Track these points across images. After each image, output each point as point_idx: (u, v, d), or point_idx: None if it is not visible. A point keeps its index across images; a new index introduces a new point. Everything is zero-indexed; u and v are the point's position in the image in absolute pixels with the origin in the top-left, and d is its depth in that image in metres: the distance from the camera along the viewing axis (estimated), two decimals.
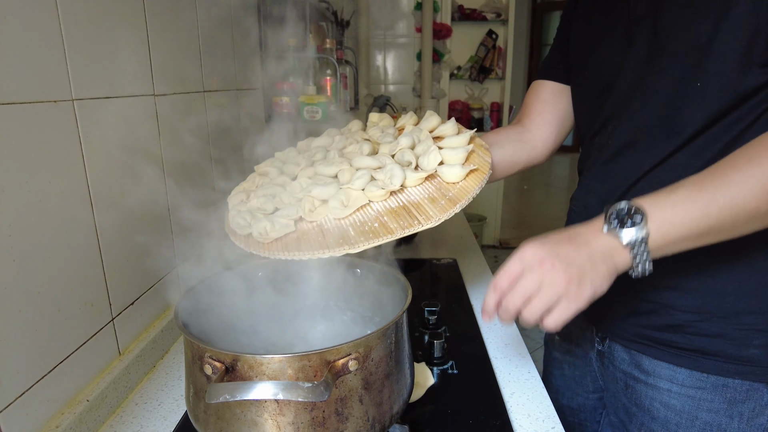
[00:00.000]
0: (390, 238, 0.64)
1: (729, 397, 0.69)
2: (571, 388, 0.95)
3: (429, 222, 0.65)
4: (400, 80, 3.79)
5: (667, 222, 0.55)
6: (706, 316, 0.68)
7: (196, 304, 0.68)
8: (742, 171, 0.54)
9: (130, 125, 0.81)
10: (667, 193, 0.56)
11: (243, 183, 0.86)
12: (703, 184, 0.55)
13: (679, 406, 0.72)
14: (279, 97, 1.56)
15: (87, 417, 0.67)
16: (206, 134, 1.11)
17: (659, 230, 0.55)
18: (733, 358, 0.68)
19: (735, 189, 0.53)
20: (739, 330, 0.67)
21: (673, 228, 0.55)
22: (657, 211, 0.55)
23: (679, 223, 0.54)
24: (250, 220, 0.74)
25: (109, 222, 0.75)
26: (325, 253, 0.64)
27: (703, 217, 0.54)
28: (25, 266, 0.59)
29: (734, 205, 0.53)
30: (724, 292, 0.67)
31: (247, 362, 0.53)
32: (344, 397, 0.55)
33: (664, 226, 0.55)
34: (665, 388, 0.73)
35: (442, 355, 0.85)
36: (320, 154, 0.85)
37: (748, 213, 0.53)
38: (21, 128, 0.58)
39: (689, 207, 0.54)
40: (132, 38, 0.82)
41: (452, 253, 1.37)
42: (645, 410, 0.76)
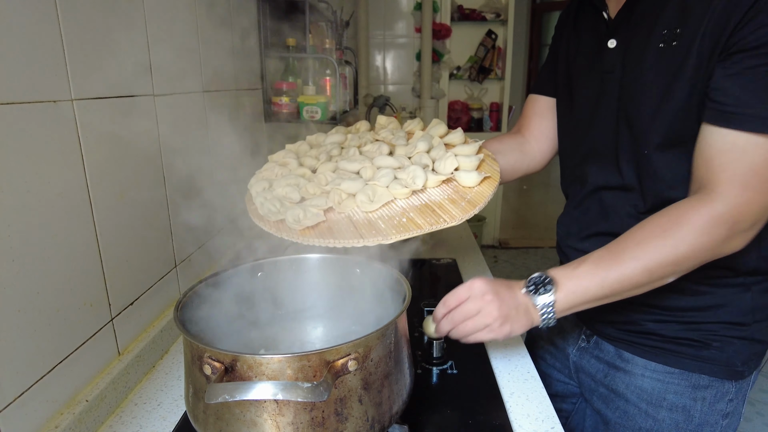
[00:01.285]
0: (419, 232, 0.69)
1: (693, 382, 0.80)
2: (551, 375, 1.03)
3: (453, 221, 0.70)
4: (400, 80, 3.79)
5: (571, 292, 0.69)
6: (672, 326, 0.80)
7: (196, 304, 0.68)
8: (629, 252, 0.68)
9: (129, 125, 0.81)
10: (574, 266, 0.71)
11: (262, 171, 0.90)
12: (600, 262, 0.70)
13: (649, 388, 0.83)
14: (278, 97, 1.56)
15: (86, 417, 0.67)
16: (206, 135, 1.11)
17: (564, 298, 0.70)
18: (695, 357, 0.79)
19: (623, 267, 0.67)
20: (700, 333, 0.79)
21: (575, 296, 0.69)
22: (564, 281, 0.70)
23: (580, 293, 0.69)
24: (279, 207, 0.76)
25: (109, 222, 0.75)
26: (360, 242, 0.68)
27: (599, 288, 0.69)
28: (24, 266, 0.59)
29: (623, 280, 0.68)
30: (687, 308, 0.78)
31: (247, 362, 0.53)
32: (343, 397, 0.55)
33: (569, 296, 0.70)
34: (639, 374, 0.84)
35: (441, 355, 0.85)
36: (336, 150, 0.89)
37: (633, 285, 0.68)
38: (20, 128, 0.58)
39: (588, 281, 0.69)
40: (131, 38, 0.82)
41: (452, 253, 1.37)
42: (620, 395, 0.86)
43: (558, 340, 1.00)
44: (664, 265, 0.66)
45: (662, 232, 0.67)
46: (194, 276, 1.04)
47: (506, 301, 0.70)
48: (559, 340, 1.00)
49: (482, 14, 3.78)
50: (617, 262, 0.68)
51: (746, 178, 0.63)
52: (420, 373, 0.82)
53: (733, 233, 0.65)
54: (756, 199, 0.64)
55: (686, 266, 0.68)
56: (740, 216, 0.64)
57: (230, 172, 0.84)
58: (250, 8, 1.43)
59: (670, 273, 0.68)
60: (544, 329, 0.75)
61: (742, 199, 0.63)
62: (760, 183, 0.63)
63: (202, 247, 1.08)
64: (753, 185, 0.63)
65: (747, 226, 0.65)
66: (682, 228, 0.66)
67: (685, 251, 0.66)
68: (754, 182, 0.63)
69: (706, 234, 0.65)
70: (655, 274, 0.67)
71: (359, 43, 3.41)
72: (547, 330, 0.98)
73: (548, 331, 1.02)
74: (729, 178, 0.64)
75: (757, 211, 0.64)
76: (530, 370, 0.84)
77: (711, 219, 0.64)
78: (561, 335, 1.00)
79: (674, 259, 0.66)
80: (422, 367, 0.83)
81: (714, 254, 0.67)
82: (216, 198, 1.14)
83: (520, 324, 0.71)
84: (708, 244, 0.65)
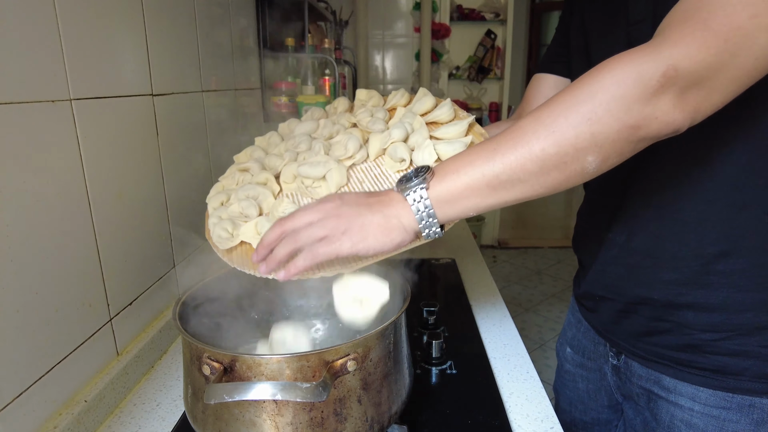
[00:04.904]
0: (375, 259, 0.58)
1: (756, 418, 0.65)
2: (584, 402, 0.92)
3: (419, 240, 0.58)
4: (399, 80, 3.79)
5: (451, 171, 0.53)
6: (726, 334, 0.64)
7: (195, 304, 0.68)
8: (530, 117, 0.52)
9: (128, 125, 0.81)
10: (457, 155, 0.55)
11: (223, 179, 0.79)
12: (497, 138, 0.53)
13: (702, 425, 0.68)
14: (278, 97, 1.56)
15: (85, 417, 0.67)
16: (205, 134, 1.11)
17: (440, 182, 0.53)
18: (758, 376, 0.64)
19: (521, 131, 0.51)
20: (761, 347, 0.63)
21: (456, 177, 0.53)
22: (442, 164, 0.55)
23: (463, 170, 0.53)
24: (232, 231, 0.67)
25: (107, 222, 0.75)
26: (316, 274, 0.59)
27: (487, 161, 0.51)
28: (23, 266, 0.59)
29: (517, 143, 0.51)
30: (743, 307, 0.63)
31: (246, 363, 0.53)
32: (343, 397, 0.55)
33: (447, 177, 0.53)
34: (687, 407, 0.68)
35: (440, 355, 0.85)
36: (305, 144, 0.77)
37: (534, 157, 0.50)
38: (19, 128, 0.58)
39: (475, 155, 0.53)
40: (130, 38, 0.81)
41: (451, 253, 1.37)
42: (665, 426, 0.72)
43: (589, 362, 0.89)
44: (571, 126, 0.49)
45: (573, 89, 0.50)
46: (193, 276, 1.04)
47: (352, 201, 0.55)
48: (590, 361, 0.88)
49: (481, 14, 3.78)
50: (515, 130, 0.52)
51: (706, 23, 0.46)
52: (419, 373, 0.82)
53: (665, 87, 0.47)
54: (711, 43, 0.46)
55: (602, 132, 0.48)
56: (681, 63, 0.46)
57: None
58: (249, 8, 1.43)
59: (582, 143, 0.49)
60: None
61: (693, 36, 0.46)
62: (724, 27, 0.46)
63: (202, 247, 1.08)
64: (715, 25, 0.46)
65: (685, 84, 0.47)
66: (598, 75, 0.49)
67: (595, 105, 0.48)
68: (718, 22, 0.46)
69: (628, 78, 0.47)
70: (560, 137, 0.49)
71: (358, 42, 3.41)
72: (572, 351, 0.91)
73: (573, 351, 0.92)
74: (682, 20, 0.48)
75: (705, 67, 0.46)
76: (529, 370, 0.84)
77: (639, 57, 0.48)
78: (588, 356, 0.89)
79: (579, 117, 0.48)
80: (421, 367, 0.83)
81: (635, 115, 0.48)
82: None
83: (378, 229, 0.54)
84: (628, 94, 0.47)
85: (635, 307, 0.71)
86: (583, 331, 0.89)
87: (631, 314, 0.73)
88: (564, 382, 0.96)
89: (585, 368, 0.90)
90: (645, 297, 0.69)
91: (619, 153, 0.50)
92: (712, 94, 0.48)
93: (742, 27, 0.45)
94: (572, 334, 0.93)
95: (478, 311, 1.04)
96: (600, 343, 0.85)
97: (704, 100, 0.48)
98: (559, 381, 0.99)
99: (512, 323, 0.99)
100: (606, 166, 0.51)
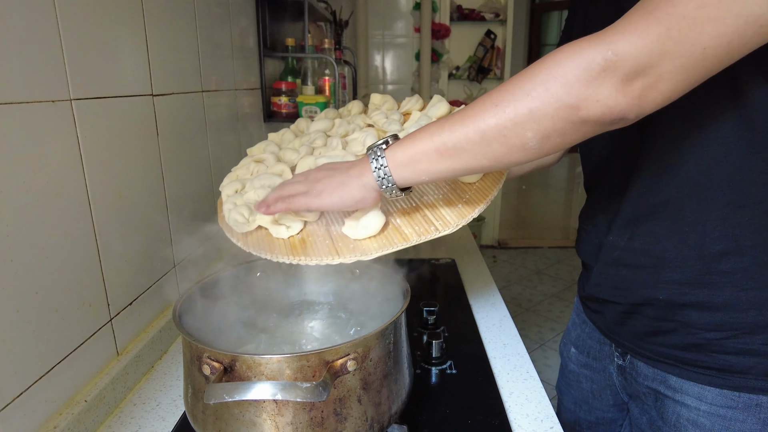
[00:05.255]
0: (405, 245, 0.60)
1: (763, 417, 0.65)
2: (588, 402, 0.92)
3: (447, 228, 0.60)
4: (399, 80, 3.79)
5: (406, 140, 0.59)
6: (730, 333, 0.64)
7: (195, 304, 0.68)
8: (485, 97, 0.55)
9: (128, 125, 0.81)
10: None
11: (236, 169, 0.81)
12: (447, 116, 0.58)
13: (708, 425, 0.68)
14: (277, 97, 1.56)
15: (85, 417, 0.67)
16: (205, 134, 1.11)
17: (397, 147, 0.59)
18: (763, 374, 0.64)
19: (471, 108, 0.55)
20: (766, 345, 0.63)
21: (410, 142, 0.58)
22: (404, 137, 0.60)
23: (416, 137, 0.58)
24: (248, 217, 0.70)
25: (108, 222, 0.75)
26: (335, 260, 0.61)
27: (438, 129, 0.56)
28: (23, 266, 0.59)
29: (465, 119, 0.54)
30: (746, 306, 0.63)
31: (246, 362, 0.53)
32: (343, 397, 0.55)
33: (402, 144, 0.58)
34: (693, 406, 0.69)
35: (440, 355, 0.85)
36: (320, 140, 0.80)
37: (479, 130, 0.53)
38: (19, 128, 0.58)
39: (429, 127, 0.57)
40: (130, 38, 0.81)
41: (451, 253, 1.37)
42: (671, 426, 0.72)
43: (594, 362, 0.89)
44: (512, 101, 0.51)
45: (524, 72, 0.52)
46: (193, 276, 1.04)
47: (331, 167, 0.64)
48: (595, 361, 0.88)
49: (481, 14, 3.78)
50: (469, 106, 0.56)
51: (651, 12, 0.47)
52: (419, 373, 0.82)
53: (607, 71, 0.47)
54: (651, 29, 0.46)
55: (539, 109, 0.50)
56: (623, 49, 0.47)
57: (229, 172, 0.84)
58: (249, 8, 1.43)
59: (520, 118, 0.51)
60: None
61: (635, 24, 0.47)
62: (667, 16, 0.46)
63: (201, 247, 1.08)
64: (658, 14, 0.46)
65: (628, 70, 0.47)
66: (545, 60, 0.51)
67: (535, 83, 0.50)
68: (661, 12, 0.46)
69: (571, 61, 0.48)
70: (501, 110, 0.51)
71: (358, 42, 3.41)
72: (576, 351, 0.91)
73: (578, 351, 0.92)
74: (633, 10, 0.49)
75: (646, 53, 0.47)
76: (529, 370, 0.84)
77: (584, 44, 0.49)
78: (592, 355, 0.89)
79: (521, 92, 0.51)
80: (421, 367, 0.83)
81: (574, 95, 0.48)
82: (215, 198, 1.14)
83: (342, 187, 0.61)
84: (569, 74, 0.48)
85: (640, 308, 0.71)
86: (588, 331, 0.89)
87: (636, 315, 0.72)
88: (568, 382, 0.96)
89: (590, 368, 0.90)
90: (649, 298, 0.69)
91: (560, 132, 0.51)
92: (659, 81, 0.48)
93: (688, 16, 0.45)
94: (577, 334, 0.93)
95: (478, 311, 1.04)
96: (605, 343, 0.85)
97: (651, 88, 0.48)
98: (563, 381, 0.98)
99: (512, 323, 0.99)
100: (549, 145, 0.52)
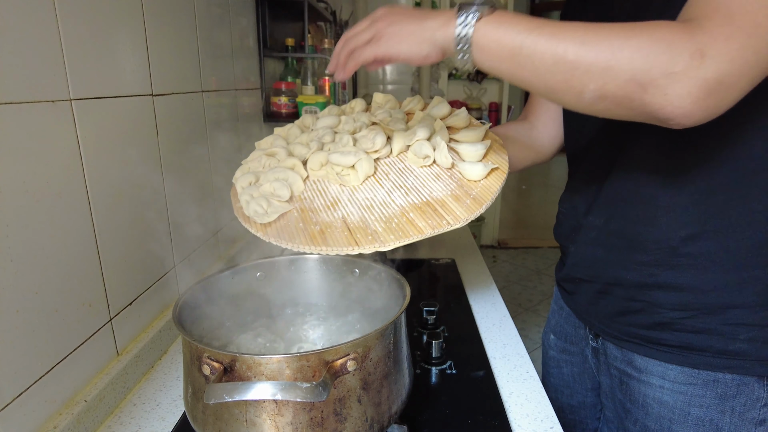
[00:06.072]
0: (420, 237, 0.62)
1: (720, 392, 0.70)
2: (569, 386, 0.96)
3: (458, 222, 0.63)
4: (399, 80, 3.80)
5: (499, 17, 0.56)
6: (691, 312, 0.69)
7: (195, 304, 0.68)
8: (577, 24, 0.54)
9: (128, 125, 0.81)
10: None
11: (248, 162, 0.82)
12: (544, 21, 0.55)
13: (671, 401, 0.73)
14: (277, 97, 1.56)
15: (85, 417, 0.67)
16: (205, 134, 1.11)
17: (488, 23, 0.55)
18: (721, 352, 0.68)
19: (562, 27, 0.54)
20: (724, 325, 0.67)
21: (502, 22, 0.55)
22: (498, 13, 0.57)
23: (505, 25, 0.55)
24: (267, 208, 0.70)
25: (107, 222, 0.75)
26: (354, 250, 0.63)
27: (527, 32, 0.54)
28: (23, 266, 0.59)
29: (553, 37, 0.53)
30: (707, 287, 0.67)
31: (246, 362, 0.53)
32: (342, 397, 0.55)
33: (496, 19, 0.56)
34: (657, 385, 0.74)
35: (440, 355, 0.85)
36: (329, 136, 0.81)
37: (554, 53, 0.53)
38: (19, 128, 0.58)
39: (522, 21, 0.55)
40: (130, 38, 0.81)
41: (450, 253, 1.37)
42: (639, 406, 0.77)
43: (571, 346, 0.93)
44: (596, 50, 0.51)
45: (625, 26, 0.52)
46: (193, 276, 1.04)
47: (400, 11, 0.60)
48: (572, 345, 0.93)
49: None
50: (568, 25, 0.54)
51: (735, 11, 0.49)
52: (419, 373, 0.82)
53: (689, 71, 0.48)
54: (735, 36, 0.48)
55: (614, 69, 0.50)
56: (709, 42, 0.48)
57: (229, 173, 0.84)
58: (249, 8, 1.43)
59: (594, 69, 0.51)
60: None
61: (721, 29, 0.49)
62: (746, 23, 0.48)
63: (201, 248, 1.08)
64: (738, 22, 0.48)
65: (710, 78, 0.48)
66: (647, 26, 0.51)
67: (623, 46, 0.50)
68: (740, 19, 0.49)
69: (663, 42, 0.49)
70: (584, 51, 0.51)
71: None
72: (556, 337, 0.95)
73: (557, 337, 0.96)
74: (716, 8, 0.50)
75: (729, 49, 0.48)
76: (529, 370, 0.84)
77: (680, 28, 0.50)
78: (570, 340, 0.93)
79: (607, 46, 0.51)
80: (421, 367, 0.83)
81: (649, 74, 0.49)
82: (215, 198, 1.14)
83: (411, 37, 0.58)
84: (653, 53, 0.49)
85: (611, 288, 0.76)
86: (565, 316, 0.93)
87: (607, 295, 0.77)
88: (549, 369, 1.00)
89: (568, 353, 0.94)
90: (620, 278, 0.74)
91: (617, 102, 0.52)
92: (733, 92, 0.49)
93: (762, 24, 0.47)
94: (555, 321, 0.97)
95: (477, 311, 1.04)
96: (580, 326, 0.89)
97: (723, 100, 0.49)
98: (544, 368, 1.02)
99: (512, 323, 0.99)
100: (601, 106, 0.53)
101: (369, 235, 0.64)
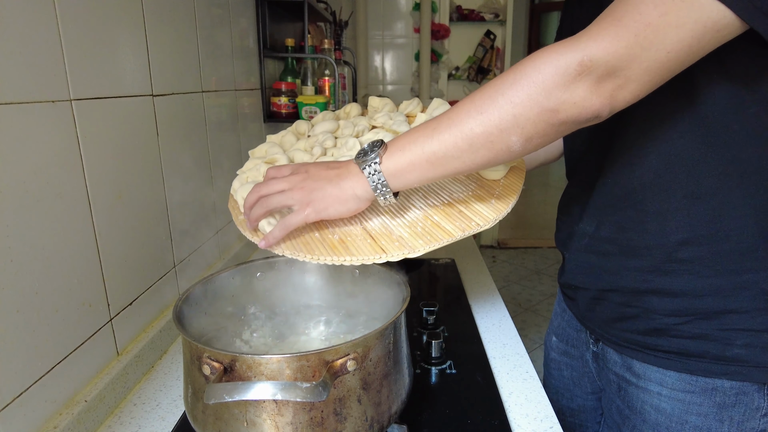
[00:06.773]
0: (450, 240, 0.61)
1: (718, 401, 0.69)
2: (569, 389, 0.96)
3: (487, 223, 0.62)
4: (399, 80, 3.80)
5: (398, 146, 0.59)
6: (686, 318, 0.68)
7: (195, 304, 0.68)
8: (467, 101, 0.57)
9: (128, 125, 0.81)
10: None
11: (247, 171, 0.80)
12: (430, 121, 0.59)
13: (669, 409, 0.72)
14: (277, 97, 1.56)
15: (85, 417, 0.67)
16: (205, 135, 1.11)
17: (390, 157, 0.59)
18: (718, 358, 0.67)
19: (457, 111, 0.57)
20: (720, 330, 0.67)
21: (402, 155, 0.59)
22: (393, 140, 0.61)
23: (406, 148, 0.59)
24: (272, 217, 0.70)
25: (108, 222, 0.75)
26: (382, 258, 0.61)
27: (427, 138, 0.57)
28: (23, 266, 0.59)
29: (451, 123, 0.56)
30: (701, 293, 0.67)
31: (246, 362, 0.53)
32: (342, 397, 0.55)
33: (394, 151, 0.59)
34: (655, 392, 0.73)
35: (440, 355, 0.85)
36: (330, 141, 0.80)
37: (464, 137, 0.56)
38: (19, 128, 0.58)
39: (416, 135, 0.59)
40: (130, 38, 0.81)
41: (450, 253, 1.37)
42: (637, 413, 0.76)
43: (572, 349, 0.93)
44: (496, 108, 0.54)
45: (503, 76, 0.55)
46: (193, 276, 1.04)
47: (315, 174, 0.63)
48: (573, 349, 0.92)
49: (481, 14, 3.79)
50: (452, 111, 0.58)
51: (621, 20, 0.51)
52: (419, 372, 0.82)
53: (582, 75, 0.51)
54: (621, 35, 0.50)
55: (522, 114, 0.53)
56: (596, 54, 0.50)
57: (229, 173, 0.84)
58: (249, 8, 1.43)
59: (505, 124, 0.54)
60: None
61: (607, 30, 0.51)
62: (634, 27, 0.50)
63: (201, 248, 1.08)
64: (626, 22, 0.50)
65: (600, 73, 0.51)
66: (523, 64, 0.53)
67: (517, 90, 0.52)
68: (628, 19, 0.50)
69: (549, 66, 0.52)
70: (486, 118, 0.54)
71: (358, 43, 3.41)
72: (558, 340, 0.95)
73: (558, 340, 0.96)
74: (603, 17, 0.52)
75: (617, 58, 0.50)
76: (529, 370, 0.84)
77: (560, 49, 0.52)
78: (571, 343, 0.92)
79: (504, 100, 0.53)
80: (421, 367, 0.83)
81: (553, 100, 0.52)
82: (215, 198, 1.14)
83: (336, 200, 0.61)
84: (548, 81, 0.51)
85: (606, 294, 0.75)
86: (567, 319, 0.93)
87: (603, 301, 0.76)
88: (550, 370, 1.00)
89: (569, 356, 0.93)
90: (614, 284, 0.74)
91: (542, 134, 0.55)
92: (628, 83, 0.52)
93: (652, 23, 0.49)
94: (558, 323, 0.97)
95: (477, 311, 1.04)
96: (581, 330, 0.89)
97: (620, 88, 0.52)
98: (545, 370, 1.02)
99: (512, 323, 0.99)
100: (531, 146, 0.56)
101: (395, 242, 0.62)
